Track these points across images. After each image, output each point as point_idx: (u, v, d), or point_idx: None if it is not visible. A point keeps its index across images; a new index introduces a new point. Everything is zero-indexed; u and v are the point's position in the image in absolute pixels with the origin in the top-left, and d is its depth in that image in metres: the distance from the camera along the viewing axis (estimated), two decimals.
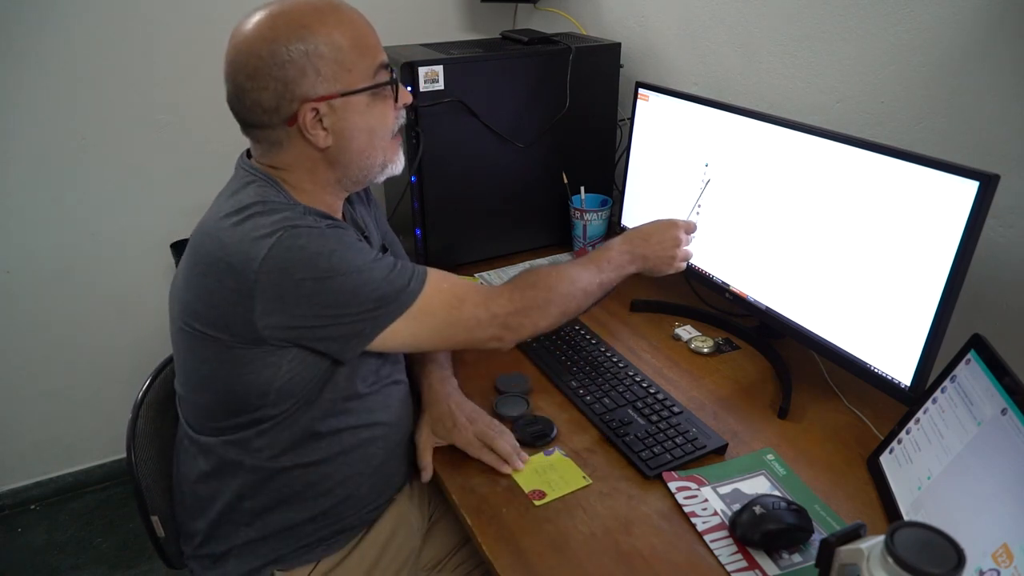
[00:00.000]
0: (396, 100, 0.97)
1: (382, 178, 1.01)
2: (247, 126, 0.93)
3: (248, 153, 0.98)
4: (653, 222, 1.20)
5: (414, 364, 1.17)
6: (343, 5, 0.92)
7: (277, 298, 0.84)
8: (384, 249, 1.13)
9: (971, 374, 0.87)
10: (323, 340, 0.89)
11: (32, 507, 2.11)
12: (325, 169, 0.95)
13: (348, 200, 1.07)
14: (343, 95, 0.89)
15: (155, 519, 1.06)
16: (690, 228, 1.21)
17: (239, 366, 0.89)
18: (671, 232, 1.17)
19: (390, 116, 0.97)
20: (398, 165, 1.02)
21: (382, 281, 0.89)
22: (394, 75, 0.96)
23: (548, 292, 1.01)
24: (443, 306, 0.94)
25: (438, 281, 0.95)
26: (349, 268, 0.86)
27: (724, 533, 0.91)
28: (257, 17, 0.88)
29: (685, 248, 1.19)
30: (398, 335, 0.92)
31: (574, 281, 1.04)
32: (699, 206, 1.32)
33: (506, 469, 1.01)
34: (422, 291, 0.92)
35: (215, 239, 0.87)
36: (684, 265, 1.20)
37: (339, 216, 1.02)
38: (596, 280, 1.07)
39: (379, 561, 1.05)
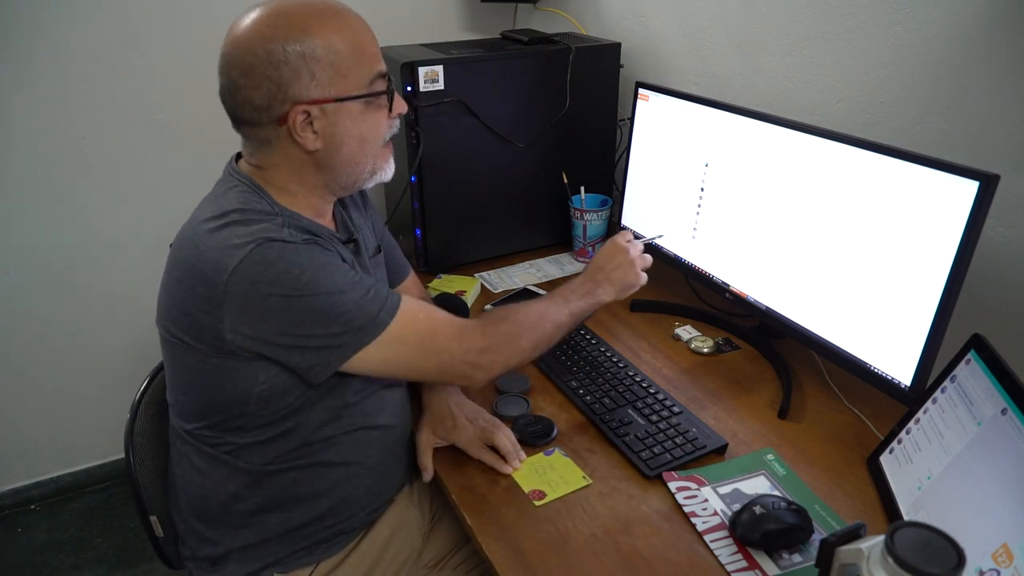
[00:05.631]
0: (391, 109, 0.96)
1: (371, 184, 1.00)
2: (237, 122, 0.92)
3: (237, 156, 0.98)
4: (598, 251, 1.18)
5: None
6: (346, 11, 0.91)
7: (244, 310, 0.83)
8: (379, 249, 1.13)
9: (971, 374, 0.87)
10: (288, 359, 0.87)
11: (32, 507, 2.11)
12: (313, 172, 0.94)
13: (341, 202, 1.07)
14: (337, 100, 0.89)
15: (153, 519, 1.06)
16: (625, 235, 1.17)
17: (214, 375, 0.89)
18: (614, 246, 1.15)
19: (383, 125, 0.95)
20: (387, 172, 1.00)
21: (353, 306, 0.87)
22: (391, 84, 0.95)
23: (518, 326, 1.00)
24: (415, 336, 0.92)
25: (413, 311, 0.93)
26: (319, 289, 0.85)
27: (724, 533, 0.91)
28: (257, 14, 0.87)
29: (637, 254, 1.15)
30: (367, 361, 0.90)
31: (543, 315, 1.03)
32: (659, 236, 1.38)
33: (506, 469, 1.01)
34: (394, 319, 0.90)
35: (192, 245, 0.87)
36: (645, 275, 1.17)
37: (328, 219, 1.01)
38: (565, 311, 1.05)
39: (379, 562, 1.05)
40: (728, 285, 1.32)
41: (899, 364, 1.02)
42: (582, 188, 1.66)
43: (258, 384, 0.89)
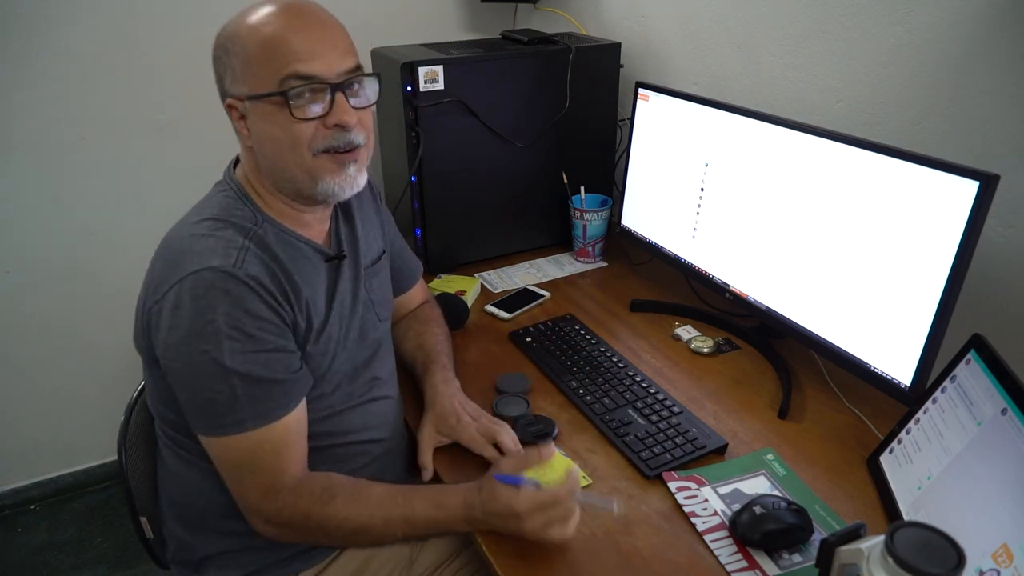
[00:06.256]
0: (327, 116, 0.87)
1: (327, 198, 0.92)
2: None
3: (237, 160, 0.98)
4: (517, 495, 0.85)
5: (417, 364, 1.17)
6: (298, 8, 0.87)
7: (162, 328, 0.84)
8: (381, 255, 1.11)
9: (971, 374, 0.87)
10: (175, 390, 0.87)
11: (32, 507, 2.11)
12: (262, 172, 0.92)
13: (347, 215, 1.06)
14: (249, 98, 0.86)
15: (144, 520, 1.06)
16: (572, 480, 0.88)
17: (157, 380, 0.90)
18: (555, 502, 0.85)
19: (299, 130, 0.86)
20: (338, 187, 0.91)
21: (227, 393, 0.83)
22: (311, 88, 0.85)
23: (323, 532, 0.89)
24: (240, 461, 0.87)
25: (272, 437, 0.86)
26: (213, 350, 0.81)
27: (724, 533, 0.91)
28: None
29: (572, 515, 0.86)
30: (211, 448, 0.88)
31: (364, 528, 0.89)
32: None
33: None
34: (253, 431, 0.85)
35: (165, 246, 0.89)
36: (570, 530, 0.86)
37: (316, 231, 0.98)
38: (398, 532, 0.89)
39: (361, 573, 1.04)
40: (728, 285, 1.32)
41: (899, 364, 1.02)
42: (582, 188, 1.66)
43: None
